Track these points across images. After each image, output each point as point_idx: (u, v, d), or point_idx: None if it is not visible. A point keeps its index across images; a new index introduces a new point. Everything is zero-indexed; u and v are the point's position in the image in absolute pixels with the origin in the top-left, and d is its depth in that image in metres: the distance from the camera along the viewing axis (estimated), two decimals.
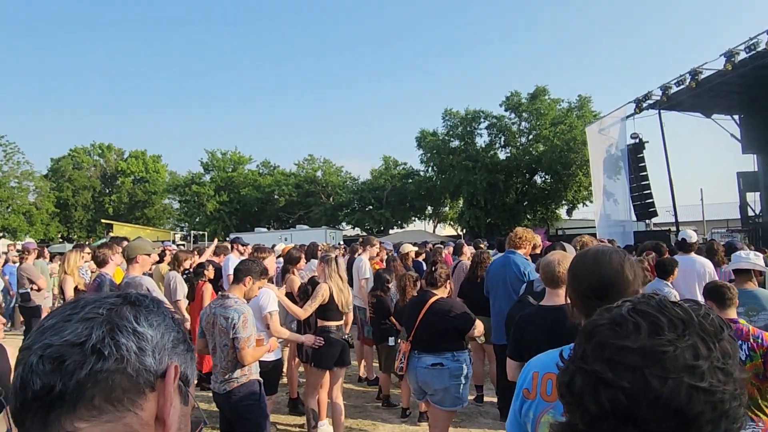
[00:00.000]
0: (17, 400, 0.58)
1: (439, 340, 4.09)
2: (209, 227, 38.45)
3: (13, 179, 38.31)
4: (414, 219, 38.03)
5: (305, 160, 42.55)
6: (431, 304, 4.15)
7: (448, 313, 4.09)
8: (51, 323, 0.61)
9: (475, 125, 32.25)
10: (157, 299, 0.70)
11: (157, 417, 0.61)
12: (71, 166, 45.47)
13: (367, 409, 5.71)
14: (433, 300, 4.19)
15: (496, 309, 5.20)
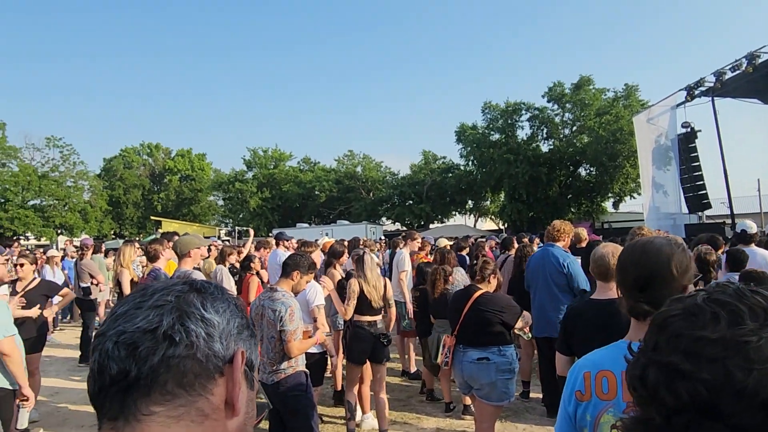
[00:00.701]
0: (96, 385, 0.60)
1: (484, 335, 4.04)
2: (252, 223, 39.26)
3: (69, 179, 40.22)
4: (454, 213, 37.76)
5: (345, 155, 42.88)
6: (476, 299, 4.11)
7: (493, 308, 4.04)
8: (123, 310, 0.62)
9: (516, 118, 31.69)
10: (221, 286, 0.70)
11: (227, 401, 0.62)
12: (122, 165, 47.30)
13: (411, 403, 5.71)
14: (477, 294, 4.14)
15: (537, 302, 5.17)
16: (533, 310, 5.18)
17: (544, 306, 5.06)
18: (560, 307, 4.90)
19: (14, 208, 35.35)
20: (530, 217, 30.30)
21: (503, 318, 4.02)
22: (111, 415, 0.58)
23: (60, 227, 37.92)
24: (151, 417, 0.57)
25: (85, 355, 7.72)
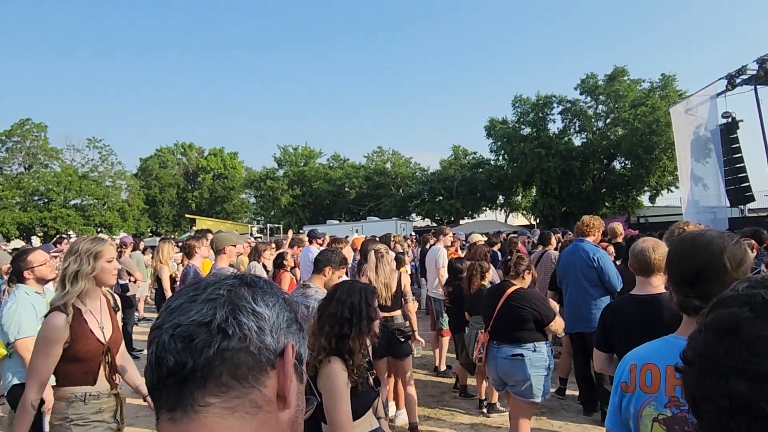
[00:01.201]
0: (153, 376, 0.61)
1: (518, 331, 4.00)
2: (284, 220, 39.74)
3: (108, 179, 41.61)
4: (485, 209, 37.37)
5: (374, 152, 42.93)
6: (509, 295, 4.07)
7: (527, 304, 4.00)
8: (177, 304, 0.64)
9: (547, 111, 31.12)
10: (270, 281, 0.71)
11: (279, 394, 0.63)
12: (158, 165, 48.53)
13: (444, 399, 5.70)
14: (511, 290, 4.10)
15: (568, 298, 5.11)
16: (565, 306, 5.12)
17: (576, 301, 4.98)
18: (591, 302, 4.82)
19: (57, 207, 36.74)
20: (563, 212, 29.76)
21: (537, 315, 3.97)
22: (169, 406, 0.60)
23: (100, 226, 39.23)
24: (208, 408, 0.58)
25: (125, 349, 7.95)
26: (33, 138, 38.80)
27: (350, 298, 2.32)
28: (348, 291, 2.38)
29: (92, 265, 2.47)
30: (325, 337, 2.24)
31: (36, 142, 38.96)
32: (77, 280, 2.44)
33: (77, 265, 2.44)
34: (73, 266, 2.44)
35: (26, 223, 35.39)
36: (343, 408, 2.10)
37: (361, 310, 2.31)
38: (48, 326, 2.33)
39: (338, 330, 2.26)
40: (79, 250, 2.48)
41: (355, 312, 2.30)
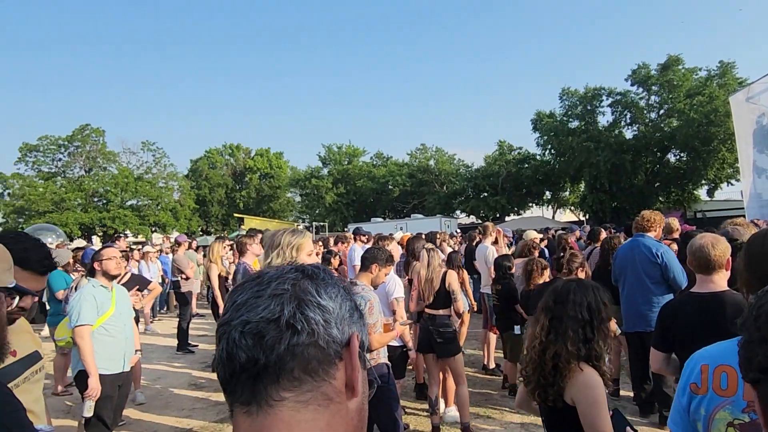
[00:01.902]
0: (226, 371, 0.62)
1: None
2: (328, 218, 40.28)
3: (161, 180, 43.31)
4: (531, 205, 36.68)
5: (417, 149, 42.87)
6: None
7: None
8: (243, 299, 0.65)
9: (596, 103, 30.25)
10: (329, 270, 0.72)
11: (347, 384, 0.64)
12: (207, 165, 50.06)
13: (493, 398, 5.64)
14: None
15: (626, 296, 4.89)
16: (622, 305, 4.92)
17: (635, 300, 4.79)
18: (653, 300, 4.61)
19: (115, 208, 38.53)
20: (613, 208, 28.85)
21: None
22: (243, 400, 0.61)
23: (154, 225, 40.85)
24: (282, 402, 0.60)
25: (181, 344, 8.27)
26: (92, 142, 40.82)
27: (586, 298, 2.15)
28: (581, 291, 2.20)
29: (294, 258, 2.39)
30: (570, 342, 2.06)
31: (95, 146, 40.98)
32: None
33: (281, 260, 2.37)
34: (277, 260, 2.36)
35: (87, 223, 37.27)
36: (605, 415, 1.97)
37: (600, 310, 2.15)
38: None
39: (582, 334, 2.09)
40: (281, 243, 2.41)
41: (594, 313, 2.13)
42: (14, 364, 1.69)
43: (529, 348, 2.22)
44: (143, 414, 5.44)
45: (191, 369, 7.24)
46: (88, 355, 3.50)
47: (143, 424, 5.18)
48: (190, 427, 5.08)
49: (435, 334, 4.58)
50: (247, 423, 0.61)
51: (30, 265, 1.77)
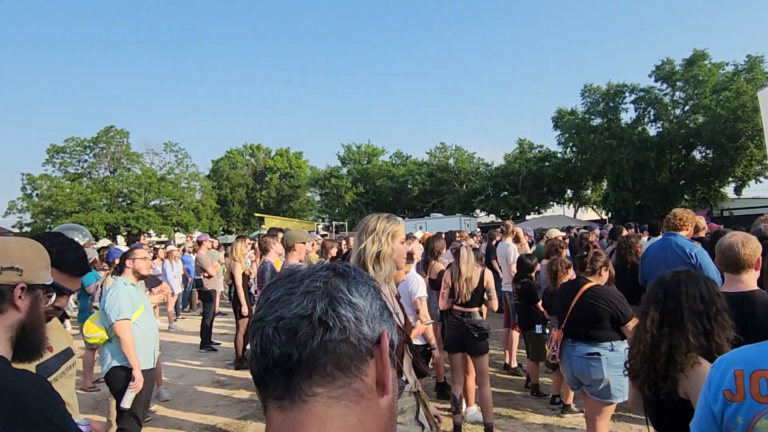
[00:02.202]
0: (259, 366, 0.64)
1: (593, 329, 3.86)
2: (348, 218, 40.38)
3: (183, 180, 43.99)
4: (552, 204, 36.29)
5: (437, 148, 42.71)
6: (585, 292, 3.94)
7: (603, 302, 3.84)
8: (276, 296, 0.66)
9: (619, 100, 29.73)
10: (359, 269, 0.72)
11: (377, 381, 0.65)
12: (228, 166, 50.64)
13: (515, 398, 5.59)
14: (587, 287, 3.96)
15: None
16: None
17: None
18: None
19: (138, 208, 39.24)
20: (637, 206, 28.37)
21: (614, 313, 3.81)
22: (277, 395, 0.62)
23: (176, 225, 41.50)
24: (315, 398, 0.61)
25: (204, 342, 8.38)
26: (117, 144, 41.64)
27: (698, 290, 2.09)
28: (693, 282, 2.13)
29: (391, 246, 2.23)
30: (691, 335, 2.01)
31: (119, 147, 41.80)
32: (380, 262, 2.19)
33: (377, 246, 2.19)
34: (372, 247, 2.19)
35: (112, 223, 38.01)
36: None
37: (714, 302, 2.07)
38: None
39: (701, 326, 2.03)
40: (376, 228, 2.23)
41: (708, 305, 2.06)
42: (51, 359, 1.75)
43: (638, 341, 2.17)
44: (168, 410, 5.53)
45: (214, 367, 7.34)
46: (131, 347, 3.61)
47: (168, 420, 5.26)
48: (214, 423, 5.15)
49: (473, 330, 4.58)
50: (280, 418, 0.62)
51: (66, 267, 1.82)
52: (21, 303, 1.27)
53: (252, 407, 5.57)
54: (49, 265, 1.40)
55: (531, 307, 5.63)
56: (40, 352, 1.35)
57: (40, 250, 1.39)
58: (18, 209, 38.80)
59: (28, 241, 1.41)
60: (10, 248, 1.30)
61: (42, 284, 1.35)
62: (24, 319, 1.28)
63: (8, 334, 1.25)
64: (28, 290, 1.29)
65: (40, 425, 1.11)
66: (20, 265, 1.28)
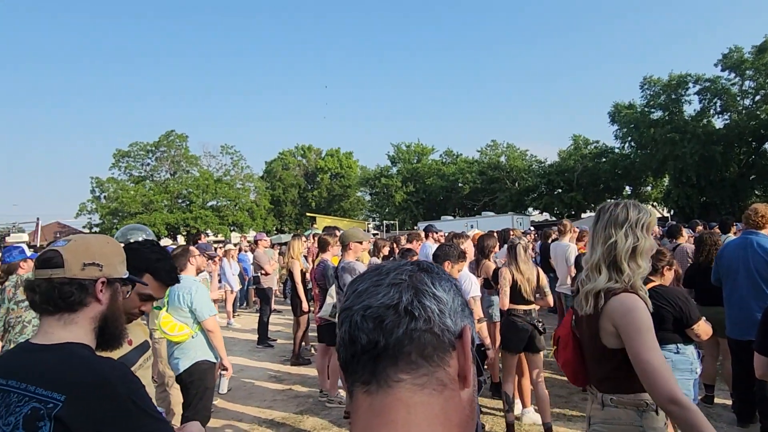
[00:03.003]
0: (347, 352, 0.67)
1: (657, 331, 3.68)
2: (398, 217, 40.53)
3: (238, 181, 45.45)
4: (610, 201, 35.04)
5: (488, 146, 42.20)
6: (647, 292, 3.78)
7: (666, 302, 3.68)
8: (364, 287, 0.69)
9: (681, 92, 28.40)
10: (441, 267, 0.75)
11: (459, 374, 0.66)
12: (281, 167, 51.88)
13: (572, 400, 5.45)
14: (648, 287, 3.79)
15: (736, 299, 4.46)
16: (730, 308, 4.50)
17: (748, 304, 4.35)
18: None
19: (197, 209, 40.88)
20: (702, 203, 27.01)
21: (677, 314, 3.64)
22: (364, 380, 0.65)
23: (232, 225, 42.93)
24: (400, 384, 0.63)
25: (261, 338, 8.63)
26: (176, 147, 43.58)
27: None
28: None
29: (649, 241, 1.99)
30: None
31: (179, 150, 43.71)
32: (636, 258, 1.95)
33: (632, 240, 1.96)
34: (627, 241, 1.96)
35: (173, 223, 39.79)
36: None
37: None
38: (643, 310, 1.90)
39: None
40: (628, 219, 1.99)
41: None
42: (131, 351, 1.87)
43: None
44: (228, 403, 5.73)
45: (271, 362, 7.54)
46: (221, 341, 3.87)
47: (229, 413, 5.46)
48: (272, 417, 5.30)
49: (540, 326, 4.57)
50: (367, 402, 0.65)
51: (160, 275, 1.94)
52: (102, 296, 1.36)
53: (308, 402, 5.69)
54: (125, 260, 1.48)
55: None
56: (120, 342, 1.45)
57: (116, 246, 1.48)
58: (88, 211, 41.33)
59: (106, 237, 1.51)
60: (91, 245, 1.39)
61: (120, 278, 1.43)
62: (105, 311, 1.37)
63: (92, 325, 1.34)
64: (108, 284, 1.38)
65: (126, 407, 1.19)
66: (100, 260, 1.37)
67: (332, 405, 5.51)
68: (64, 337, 1.29)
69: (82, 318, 1.32)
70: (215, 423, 5.05)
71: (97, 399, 1.16)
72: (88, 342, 1.32)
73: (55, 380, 1.17)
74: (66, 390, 1.15)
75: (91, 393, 1.17)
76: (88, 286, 1.33)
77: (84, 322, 1.33)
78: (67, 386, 1.16)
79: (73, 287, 1.31)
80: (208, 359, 3.79)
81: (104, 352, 1.39)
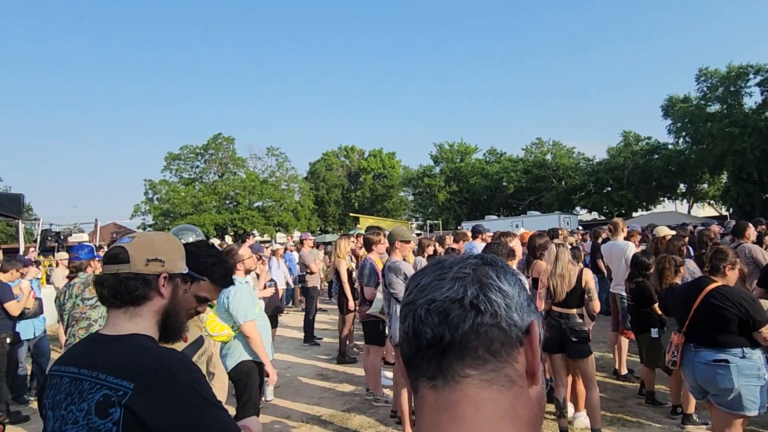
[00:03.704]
0: (412, 347, 0.66)
1: (720, 334, 3.53)
2: (441, 216, 40.29)
3: (283, 183, 46.36)
4: (663, 199, 33.74)
5: (533, 144, 41.41)
6: (710, 292, 3.60)
7: (731, 304, 3.49)
8: (427, 282, 0.67)
9: (741, 83, 26.98)
10: (505, 261, 0.72)
11: (527, 371, 0.65)
12: (324, 168, 52.55)
13: (627, 405, 5.25)
14: (711, 287, 3.62)
15: None
16: None
17: None
18: None
19: (243, 209, 41.98)
20: (763, 200, 25.56)
21: (743, 316, 3.45)
22: (429, 375, 0.64)
23: (278, 225, 43.82)
24: (467, 379, 0.62)
25: (307, 336, 8.75)
26: (224, 150, 44.88)
27: None
28: None
29: None
30: None
31: (226, 153, 45.01)
32: None
33: None
34: None
35: (221, 223, 40.99)
36: None
37: None
38: None
39: None
40: None
41: None
42: (187, 348, 1.93)
43: None
44: (277, 400, 5.83)
45: (317, 360, 7.63)
46: (261, 345, 3.85)
47: (278, 409, 5.55)
48: (320, 414, 5.35)
49: (569, 333, 4.38)
50: (433, 396, 0.64)
51: (216, 278, 1.99)
52: (164, 290, 1.41)
53: (355, 401, 5.72)
54: (184, 256, 1.53)
55: (645, 309, 5.25)
56: (180, 335, 1.51)
57: (176, 243, 1.53)
58: (142, 212, 43.13)
59: (167, 234, 1.57)
60: (153, 242, 1.45)
61: (180, 273, 1.48)
62: (167, 305, 1.42)
63: (155, 318, 1.40)
64: (169, 279, 1.43)
65: (190, 396, 1.23)
66: (162, 256, 1.42)
67: (379, 404, 5.51)
68: (131, 329, 1.34)
69: (147, 311, 1.38)
70: (264, 419, 5.14)
71: (163, 387, 1.21)
72: (152, 334, 1.38)
73: (125, 369, 1.22)
74: (135, 378, 1.20)
75: (158, 381, 1.21)
76: (152, 280, 1.38)
77: (148, 315, 1.38)
78: (135, 375, 1.20)
79: (138, 282, 1.36)
80: (250, 359, 3.84)
81: (166, 344, 1.44)
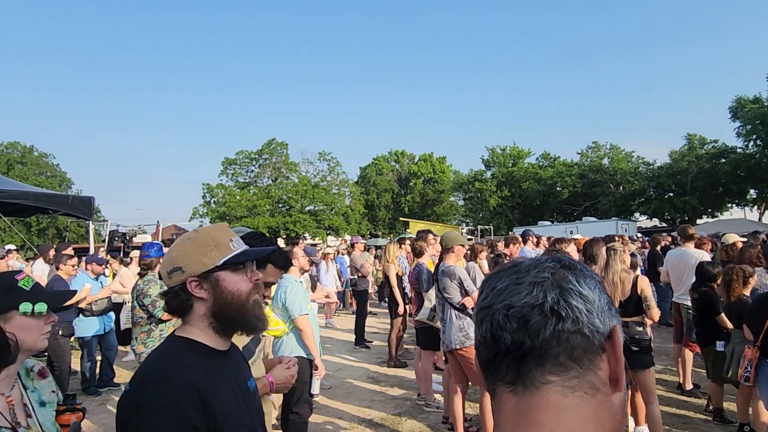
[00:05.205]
0: (489, 351, 0.65)
1: None
2: (492, 222, 39.72)
3: (334, 187, 47.05)
4: (731, 205, 31.92)
5: (589, 148, 40.20)
6: None
7: None
8: (503, 286, 0.67)
9: None
10: (583, 263, 0.70)
11: (610, 377, 0.63)
12: (375, 172, 52.89)
13: (693, 422, 4.98)
14: None
15: None
16: None
17: None
18: None
19: (296, 213, 42.87)
20: None
21: None
22: (509, 380, 0.64)
23: (328, 228, 44.47)
24: (548, 386, 0.61)
25: (358, 339, 8.82)
26: (278, 155, 46.01)
27: None
28: None
29: None
30: None
31: (280, 158, 46.11)
32: None
33: None
34: None
35: (274, 226, 42.01)
36: None
37: None
38: None
39: None
40: None
41: None
42: (249, 343, 1.97)
43: None
44: (329, 401, 5.91)
45: (368, 363, 7.68)
46: (312, 339, 3.97)
47: (330, 410, 5.62)
48: (371, 417, 5.38)
49: (629, 342, 4.20)
50: (512, 402, 0.63)
51: (277, 263, 2.13)
52: (202, 292, 1.35)
53: (406, 405, 5.71)
54: (214, 247, 1.39)
55: (710, 320, 4.98)
56: (254, 324, 1.41)
57: (197, 240, 1.41)
58: (200, 214, 44.78)
59: (188, 234, 1.48)
60: (171, 251, 1.41)
61: (213, 267, 1.36)
62: (212, 305, 1.35)
63: (205, 322, 1.35)
64: (203, 278, 1.35)
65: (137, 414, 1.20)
66: (179, 263, 1.36)
67: (430, 409, 5.48)
68: (182, 334, 1.36)
69: (193, 318, 1.36)
70: (317, 419, 5.22)
71: (139, 393, 1.22)
72: (203, 337, 1.35)
73: (136, 372, 1.32)
74: (132, 382, 1.26)
75: (141, 386, 1.24)
76: (180, 291, 1.35)
77: (195, 321, 1.36)
78: (133, 379, 1.27)
79: (170, 297, 1.36)
80: (302, 355, 3.91)
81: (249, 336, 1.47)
